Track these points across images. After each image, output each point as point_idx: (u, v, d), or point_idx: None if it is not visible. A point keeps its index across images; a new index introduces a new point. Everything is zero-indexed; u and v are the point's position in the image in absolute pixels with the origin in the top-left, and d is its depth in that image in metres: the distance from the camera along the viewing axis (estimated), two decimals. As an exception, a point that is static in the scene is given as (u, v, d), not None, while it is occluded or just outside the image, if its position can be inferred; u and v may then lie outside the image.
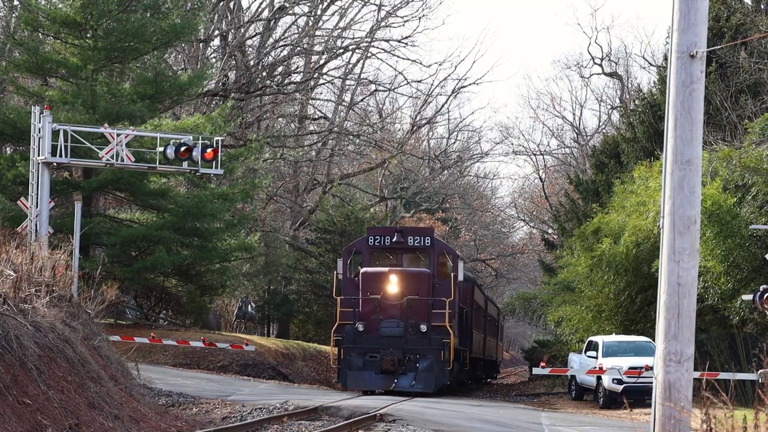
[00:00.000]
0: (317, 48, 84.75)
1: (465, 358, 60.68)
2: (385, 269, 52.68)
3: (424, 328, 50.34)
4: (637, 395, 43.42)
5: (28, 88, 55.70)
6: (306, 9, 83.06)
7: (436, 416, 40.29)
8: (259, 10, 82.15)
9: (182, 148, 43.07)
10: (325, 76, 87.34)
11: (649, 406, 20.70)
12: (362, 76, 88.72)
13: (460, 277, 54.03)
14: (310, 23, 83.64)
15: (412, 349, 50.39)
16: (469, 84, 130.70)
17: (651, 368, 23.14)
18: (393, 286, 51.27)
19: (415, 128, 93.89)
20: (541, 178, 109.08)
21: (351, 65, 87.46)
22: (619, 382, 48.75)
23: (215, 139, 44.82)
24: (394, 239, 54.24)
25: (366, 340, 50.94)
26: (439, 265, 54.07)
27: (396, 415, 38.18)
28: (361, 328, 50.78)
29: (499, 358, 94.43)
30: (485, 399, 55.93)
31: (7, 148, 51.66)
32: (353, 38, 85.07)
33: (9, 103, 54.63)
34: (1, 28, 64.45)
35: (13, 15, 61.20)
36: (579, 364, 54.93)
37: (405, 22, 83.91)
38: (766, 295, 37.05)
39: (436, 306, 51.47)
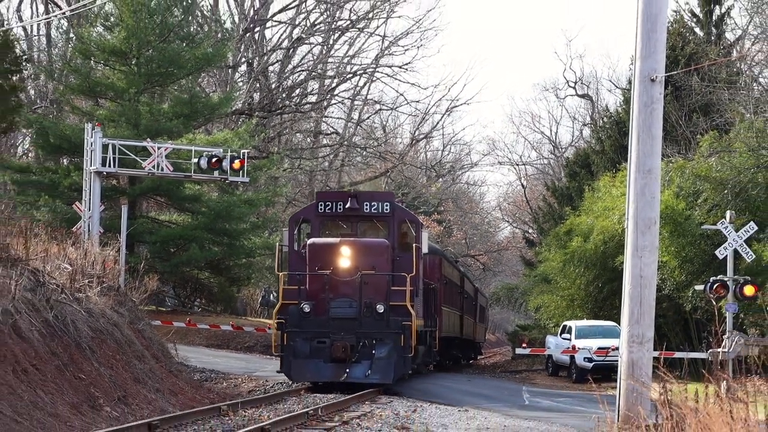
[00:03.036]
0: (329, 73, 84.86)
1: (433, 339, 46.95)
2: (336, 240, 38.30)
3: (380, 308, 36.61)
4: (604, 371, 43.51)
5: (82, 108, 55.79)
6: (320, 39, 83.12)
7: (431, 390, 40.41)
8: (280, 40, 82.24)
9: (213, 159, 43.32)
10: (336, 97, 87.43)
11: (615, 380, 20.79)
12: (368, 97, 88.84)
13: (425, 249, 40.65)
14: (324, 52, 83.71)
15: (367, 333, 36.74)
16: (461, 104, 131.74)
17: (617, 348, 23.24)
18: (345, 259, 37.26)
19: (414, 142, 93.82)
20: (522, 185, 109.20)
21: (359, 88, 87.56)
22: (590, 360, 48.86)
23: (242, 151, 44.93)
24: (348, 205, 39.44)
25: (313, 322, 36.92)
26: (400, 236, 40.00)
27: (397, 389, 38.28)
28: (307, 308, 36.87)
29: (479, 338, 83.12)
30: (474, 375, 55.82)
31: (64, 160, 51.70)
32: (360, 64, 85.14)
33: (65, 121, 54.72)
34: (59, 57, 64.62)
35: (70, 45, 61.21)
36: (555, 345, 54.99)
37: (405, 50, 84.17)
38: (714, 286, 37.15)
39: (396, 282, 37.68)
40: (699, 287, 40.79)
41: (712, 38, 64.47)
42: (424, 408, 34.12)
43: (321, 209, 40.06)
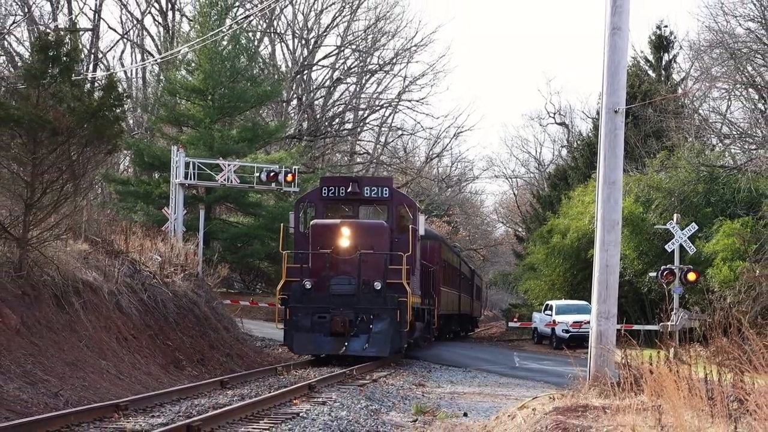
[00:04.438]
0: (362, 106, 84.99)
1: (432, 315, 42.79)
2: (337, 221, 33.83)
3: (378, 285, 32.31)
4: (578, 341, 43.35)
5: (169, 134, 55.90)
6: (354, 79, 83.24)
7: (442, 356, 40.40)
8: (323, 80, 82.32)
9: (271, 174, 43.32)
10: (367, 125, 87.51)
11: (587, 348, 20.77)
12: (392, 124, 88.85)
13: (421, 231, 36.54)
14: (357, 89, 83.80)
15: (365, 309, 32.34)
16: (465, 130, 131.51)
17: (588, 322, 23.21)
18: (345, 239, 32.98)
19: (428, 160, 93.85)
20: (514, 194, 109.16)
21: (385, 117, 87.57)
22: (567, 331, 48.73)
23: (293, 167, 44.91)
24: (349, 189, 34.97)
25: (314, 298, 32.64)
26: (398, 218, 35.24)
27: (416, 355, 38.30)
28: (308, 285, 32.60)
29: (476, 314, 78.42)
30: (475, 345, 55.82)
31: (155, 174, 51.83)
32: (386, 99, 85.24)
33: (156, 144, 54.79)
34: (152, 94, 64.78)
35: (160, 85, 61.35)
36: (539, 320, 54.93)
37: (421, 88, 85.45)
38: (664, 273, 37.11)
39: (393, 262, 33.04)
40: (652, 274, 40.83)
41: (662, 78, 64.63)
42: (437, 369, 34.22)
43: (325, 193, 35.33)
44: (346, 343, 31.59)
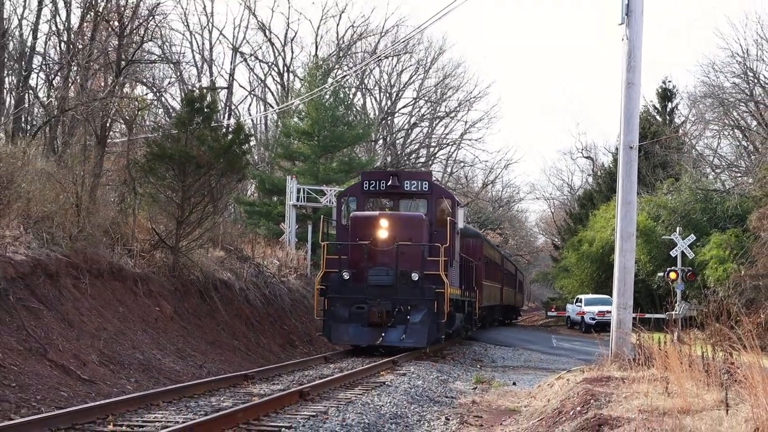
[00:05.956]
0: (433, 144, 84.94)
1: (472, 307, 34.97)
2: (376, 213, 27.05)
3: (415, 276, 25.53)
4: (602, 326, 42.88)
5: (284, 167, 56.23)
6: (426, 124, 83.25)
7: (495, 338, 40.23)
8: (403, 124, 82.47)
9: (363, 197, 43.51)
10: (437, 159, 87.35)
11: (609, 332, 20.62)
12: (456, 158, 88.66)
13: (460, 224, 29.37)
14: (429, 131, 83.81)
15: (403, 300, 25.55)
16: (513, 162, 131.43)
17: (610, 312, 23.05)
18: (383, 231, 26.05)
19: (484, 185, 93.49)
20: (551, 212, 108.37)
21: (450, 152, 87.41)
22: (593, 319, 48.42)
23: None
24: (389, 183, 27.65)
25: (353, 289, 25.87)
26: (438, 212, 27.71)
27: (474, 336, 38.15)
28: (346, 276, 25.86)
29: (518, 304, 71.94)
30: (520, 330, 55.59)
31: (274, 197, 52.16)
32: (451, 139, 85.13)
33: (275, 174, 55.23)
34: (271, 136, 65.28)
35: (278, 129, 61.82)
36: (572, 310, 54.63)
37: (479, 129, 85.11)
38: (669, 273, 36.79)
39: (432, 254, 26.11)
40: (660, 274, 40.65)
41: (667, 122, 64.03)
42: (491, 348, 34.05)
43: (366, 187, 28.30)
44: (383, 334, 25.16)
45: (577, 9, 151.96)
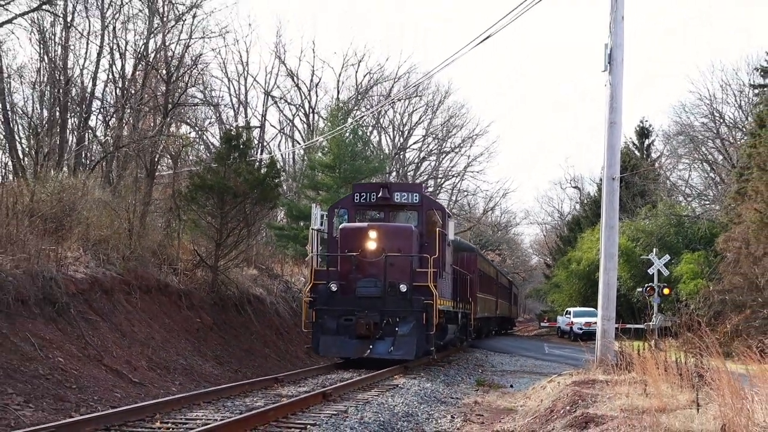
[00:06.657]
0: (440, 176, 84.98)
1: (467, 319, 31.98)
2: (364, 224, 23.58)
3: (404, 287, 21.90)
4: (589, 336, 42.70)
5: (310, 196, 56.30)
6: (434, 158, 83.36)
7: (495, 346, 40.09)
8: (413, 158, 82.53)
9: (379, 222, 43.42)
10: (443, 188, 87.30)
11: (594, 340, 20.56)
12: (460, 188, 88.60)
13: (450, 236, 25.09)
14: (436, 165, 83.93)
15: (391, 312, 21.97)
16: (510, 191, 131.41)
17: (595, 323, 22.96)
18: (372, 242, 22.62)
19: (485, 212, 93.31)
20: (544, 235, 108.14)
21: (455, 183, 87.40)
22: (580, 329, 48.12)
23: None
24: (380, 195, 24.37)
25: (341, 301, 22.36)
26: (428, 223, 24.09)
27: (476, 344, 38.01)
28: (334, 287, 22.47)
29: (514, 316, 69.47)
30: (516, 339, 55.30)
31: (301, 222, 52.19)
32: (456, 171, 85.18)
33: (301, 202, 55.34)
34: (299, 169, 65.41)
35: (304, 162, 61.92)
36: (562, 321, 54.38)
37: (480, 163, 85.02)
38: (647, 288, 36.71)
39: (421, 265, 22.53)
40: (639, 289, 40.48)
41: (644, 156, 63.98)
42: (491, 354, 33.92)
43: (357, 199, 25.09)
44: (371, 346, 21.84)
45: (567, 59, 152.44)
